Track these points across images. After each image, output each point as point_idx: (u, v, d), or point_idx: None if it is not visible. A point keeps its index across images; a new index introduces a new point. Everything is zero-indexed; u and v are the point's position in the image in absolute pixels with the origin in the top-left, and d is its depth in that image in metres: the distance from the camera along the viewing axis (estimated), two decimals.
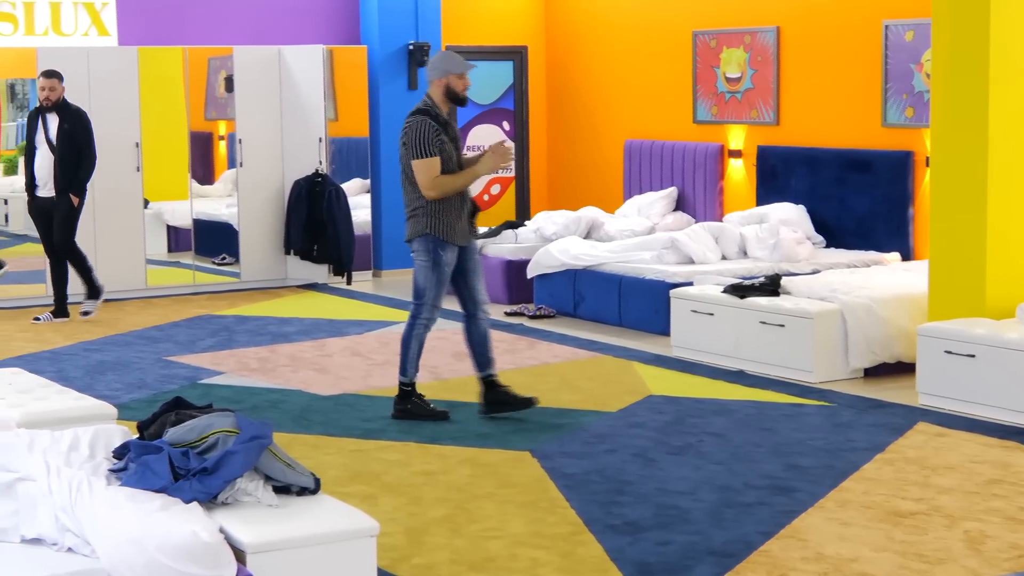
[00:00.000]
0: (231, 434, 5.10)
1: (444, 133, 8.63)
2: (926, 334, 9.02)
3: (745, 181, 13.69)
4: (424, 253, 8.71)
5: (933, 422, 8.55)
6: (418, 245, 8.72)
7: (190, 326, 12.24)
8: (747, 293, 10.27)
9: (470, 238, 8.87)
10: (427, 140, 8.53)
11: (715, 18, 14.02)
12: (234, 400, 9.29)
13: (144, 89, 13.69)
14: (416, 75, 15.22)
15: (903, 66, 12.07)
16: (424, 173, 8.55)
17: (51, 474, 4.97)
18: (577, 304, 12.32)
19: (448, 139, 8.66)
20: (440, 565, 6.10)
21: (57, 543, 4.78)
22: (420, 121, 8.58)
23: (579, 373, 10.15)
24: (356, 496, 7.04)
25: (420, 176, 8.56)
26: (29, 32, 13.72)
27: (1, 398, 6.68)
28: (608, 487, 7.24)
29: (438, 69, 8.71)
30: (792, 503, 6.91)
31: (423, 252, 8.72)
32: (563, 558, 6.17)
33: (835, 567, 5.99)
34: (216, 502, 4.99)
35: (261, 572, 4.70)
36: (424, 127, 8.55)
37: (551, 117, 16.34)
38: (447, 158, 8.62)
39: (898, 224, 12.10)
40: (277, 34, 15.03)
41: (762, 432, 8.36)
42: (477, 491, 7.22)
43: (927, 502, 6.91)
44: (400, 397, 8.83)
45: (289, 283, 14.54)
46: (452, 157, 8.66)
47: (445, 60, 8.76)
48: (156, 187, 14.10)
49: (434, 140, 8.54)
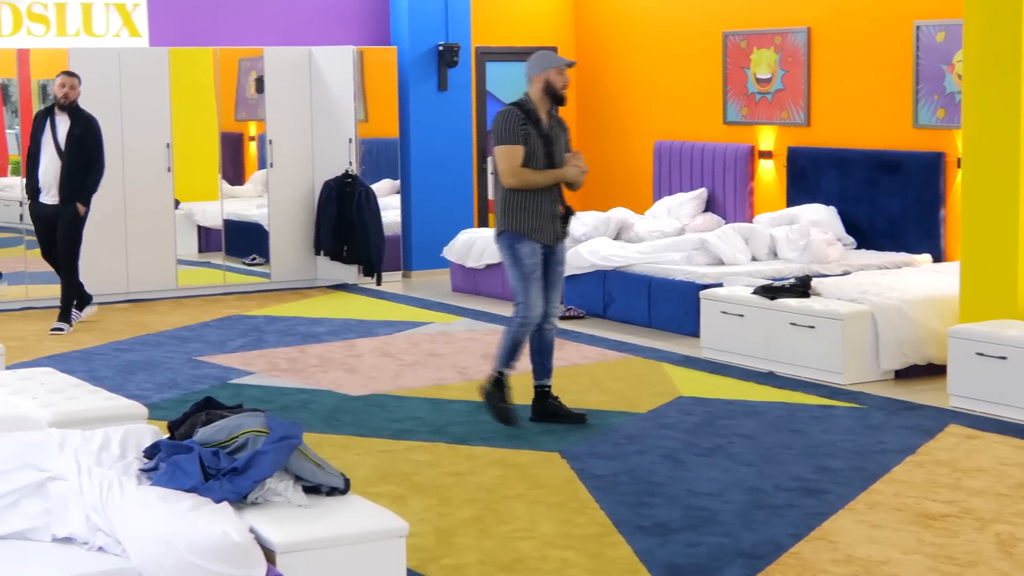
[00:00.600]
0: (261, 434, 5.11)
1: (533, 127, 8.51)
2: (957, 336, 8.99)
3: (775, 182, 13.66)
4: (504, 250, 8.63)
5: (964, 424, 8.51)
6: (499, 243, 8.66)
7: (220, 326, 12.27)
8: (777, 294, 10.24)
9: (555, 240, 8.68)
10: (512, 128, 8.45)
11: (745, 19, 13.99)
12: (264, 400, 9.31)
13: (175, 90, 13.73)
14: (446, 76, 15.23)
15: (934, 67, 12.03)
16: (504, 160, 8.46)
17: (82, 474, 4.98)
18: (607, 305, 12.32)
19: (537, 134, 8.52)
20: (469, 566, 6.11)
21: (88, 542, 4.79)
22: (508, 110, 8.54)
23: (609, 374, 10.14)
24: (386, 496, 7.05)
25: (500, 162, 8.48)
26: (61, 33, 13.78)
27: (33, 398, 6.71)
28: (638, 488, 7.23)
29: (537, 66, 8.60)
30: (822, 505, 6.90)
31: (503, 249, 8.64)
32: (592, 559, 6.17)
33: (865, 569, 5.97)
34: (246, 502, 5.00)
35: (291, 572, 4.71)
36: (511, 115, 8.49)
37: (581, 118, 16.32)
38: (531, 152, 8.49)
39: (929, 225, 12.06)
40: (307, 35, 15.06)
41: (792, 434, 8.34)
42: (507, 492, 7.22)
43: (958, 504, 6.88)
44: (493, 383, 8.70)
45: (319, 284, 14.57)
46: (538, 153, 8.51)
47: (544, 57, 8.65)
48: (187, 188, 14.15)
49: (519, 129, 8.45)
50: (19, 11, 13.64)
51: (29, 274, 13.24)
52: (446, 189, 15.32)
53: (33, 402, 6.61)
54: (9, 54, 13.44)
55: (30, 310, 13.06)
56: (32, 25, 13.69)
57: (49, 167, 11.78)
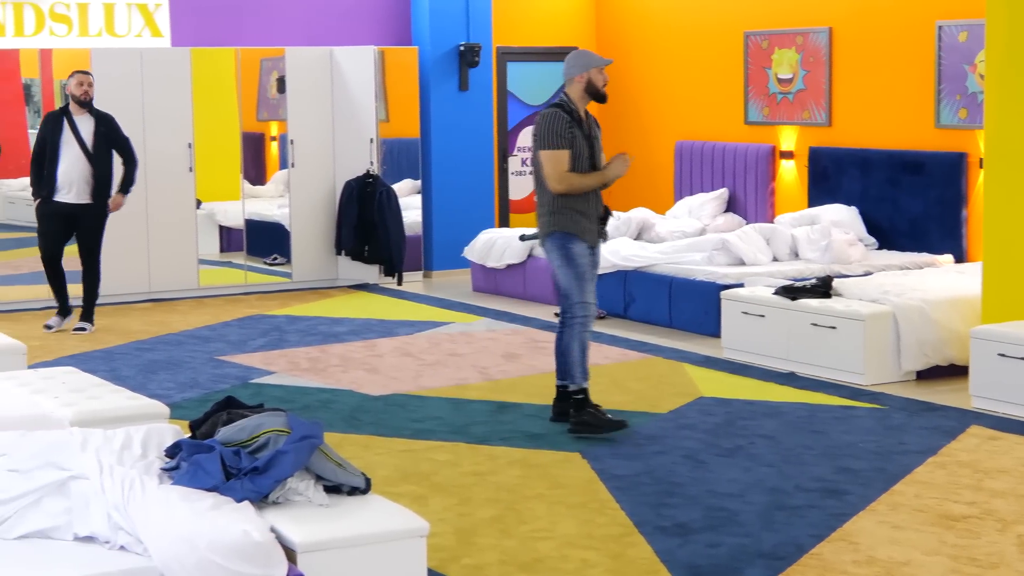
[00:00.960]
0: (282, 434, 5.12)
1: (578, 128, 8.44)
2: (979, 336, 8.96)
3: (796, 182, 13.63)
4: (556, 251, 8.47)
5: (986, 425, 8.49)
6: (549, 244, 8.51)
7: (242, 326, 12.29)
8: (798, 295, 10.22)
9: (598, 240, 8.64)
10: (558, 132, 8.35)
11: (767, 19, 13.97)
12: (285, 400, 9.32)
13: (197, 90, 13.76)
14: (467, 76, 15.24)
15: (956, 67, 11.99)
16: (552, 165, 8.35)
17: (104, 473, 5.00)
18: (627, 305, 12.31)
19: (582, 135, 8.46)
20: (490, 566, 6.11)
21: (110, 541, 4.80)
22: (553, 113, 8.41)
23: (629, 374, 10.13)
24: (406, 496, 7.05)
25: (548, 168, 8.36)
26: (83, 33, 13.82)
27: (55, 397, 6.73)
28: (658, 489, 7.23)
29: (578, 65, 8.49)
30: (843, 506, 6.88)
31: (554, 250, 8.48)
32: (613, 559, 6.16)
33: (886, 571, 5.95)
34: (267, 501, 5.00)
35: (312, 571, 4.72)
36: (556, 118, 8.37)
37: (602, 118, 16.28)
38: (577, 154, 8.42)
39: (951, 226, 12.03)
40: (329, 35, 15.08)
41: (813, 434, 8.32)
42: (527, 492, 7.22)
43: (980, 506, 6.86)
44: (576, 407, 8.42)
45: (340, 283, 14.58)
46: (584, 154, 8.45)
47: (584, 56, 8.55)
48: (208, 187, 14.17)
49: (565, 133, 8.36)
50: (42, 11, 13.68)
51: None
52: (467, 189, 15.32)
53: (55, 401, 6.64)
54: (32, 54, 13.48)
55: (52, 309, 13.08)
56: (55, 25, 13.73)
57: (73, 166, 11.58)
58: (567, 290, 8.47)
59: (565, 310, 8.51)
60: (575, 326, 8.46)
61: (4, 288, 13.19)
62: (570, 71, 8.51)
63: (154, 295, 13.73)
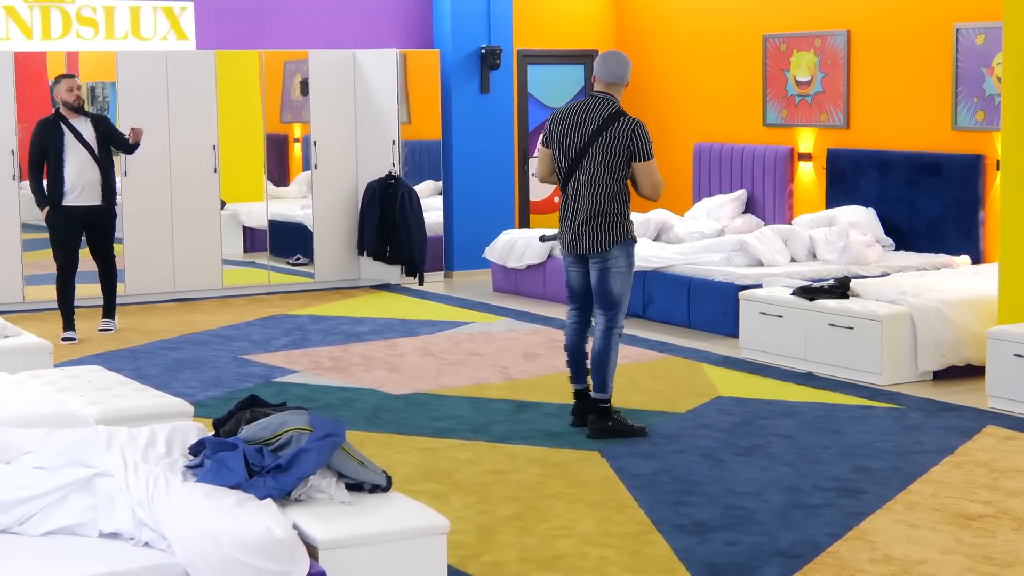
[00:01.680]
0: (305, 432, 5.13)
1: None
2: (996, 337, 8.94)
3: (814, 184, 13.61)
4: (627, 259, 8.28)
5: (1002, 425, 8.47)
6: (620, 251, 8.25)
7: (265, 325, 12.31)
8: (816, 295, 10.21)
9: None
10: (649, 141, 8.25)
11: (785, 22, 13.95)
12: (308, 398, 9.33)
13: (221, 92, 13.79)
14: (488, 78, 15.25)
15: (974, 70, 11.96)
16: (654, 175, 8.22)
17: (128, 470, 5.01)
18: (646, 305, 12.30)
19: None
20: (509, 563, 6.11)
21: (134, 537, 4.82)
22: (643, 123, 8.25)
23: (648, 374, 10.12)
24: (427, 494, 7.06)
25: (654, 177, 8.21)
26: (109, 36, 13.85)
27: (80, 395, 6.75)
28: (676, 487, 7.22)
29: (627, 72, 8.35)
30: (860, 505, 6.87)
31: (626, 258, 8.28)
32: (631, 557, 6.16)
33: (903, 569, 5.94)
34: (290, 499, 5.02)
35: (333, 568, 4.73)
36: (647, 129, 8.27)
37: None
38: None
39: (968, 227, 12.00)
40: (352, 38, 15.10)
41: (830, 434, 8.31)
42: (546, 490, 7.22)
43: (996, 505, 6.84)
44: (599, 415, 8.31)
45: (362, 284, 14.60)
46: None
47: (627, 62, 8.39)
48: (233, 188, 14.20)
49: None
50: (69, 14, 13.73)
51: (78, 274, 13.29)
52: (488, 190, 15.33)
53: (81, 400, 6.66)
54: (59, 57, 13.52)
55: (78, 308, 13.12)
56: (81, 28, 13.77)
57: (82, 170, 11.39)
58: (621, 298, 8.32)
59: (610, 318, 8.32)
60: (616, 336, 8.35)
61: (30, 288, 13.23)
62: (622, 76, 8.36)
63: (179, 295, 13.76)
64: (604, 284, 8.30)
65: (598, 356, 8.34)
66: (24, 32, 13.58)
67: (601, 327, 8.36)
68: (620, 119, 8.19)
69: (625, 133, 8.16)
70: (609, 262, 8.26)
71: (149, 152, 12.85)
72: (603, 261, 8.27)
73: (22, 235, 13.16)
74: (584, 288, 8.47)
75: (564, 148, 8.33)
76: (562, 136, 8.35)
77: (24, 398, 6.54)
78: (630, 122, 8.19)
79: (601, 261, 8.28)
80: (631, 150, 8.16)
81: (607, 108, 8.25)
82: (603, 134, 8.19)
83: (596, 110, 8.27)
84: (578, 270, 8.45)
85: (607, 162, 8.19)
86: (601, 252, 8.26)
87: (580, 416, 8.52)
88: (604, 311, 8.34)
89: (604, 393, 8.33)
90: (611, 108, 8.25)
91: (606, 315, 8.33)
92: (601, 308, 8.35)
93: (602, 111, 8.25)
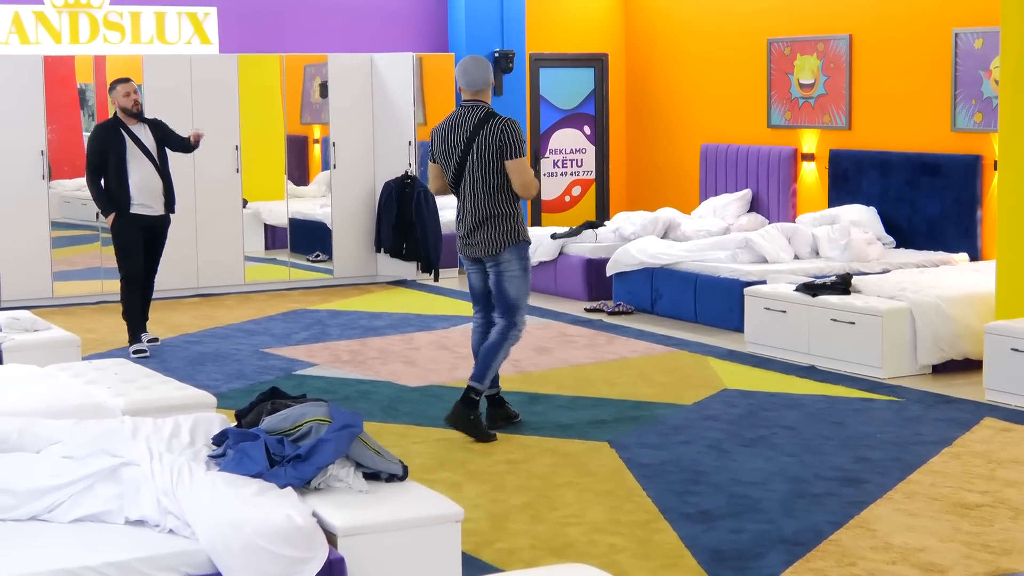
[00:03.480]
0: (324, 423, 5.13)
1: None
2: (993, 332, 8.92)
3: (817, 184, 13.59)
4: (521, 261, 8.11)
5: (999, 417, 8.45)
6: (511, 254, 8.08)
7: (285, 320, 12.32)
8: (819, 291, 10.20)
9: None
10: (523, 140, 8.07)
11: (789, 26, 13.93)
12: (327, 390, 9.34)
13: (243, 95, 13.81)
14: (501, 81, 15.25)
15: (972, 73, 11.94)
16: (524, 172, 8.03)
17: (153, 459, 5.02)
18: (654, 301, 12.29)
19: None
20: (521, 550, 6.11)
21: (159, 524, 4.83)
22: (515, 122, 8.09)
23: (656, 367, 10.12)
24: (442, 483, 7.06)
25: (527, 174, 8.02)
26: (135, 41, 13.87)
27: (107, 387, 6.76)
28: (683, 477, 7.22)
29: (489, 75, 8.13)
30: (861, 494, 6.86)
31: (520, 260, 8.11)
32: (639, 544, 6.16)
33: (902, 556, 5.94)
34: (309, 487, 5.02)
35: (351, 555, 4.73)
36: (519, 128, 8.10)
37: (630, 122, 16.30)
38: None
39: (966, 226, 11.97)
40: (369, 43, 15.10)
41: (832, 426, 8.30)
42: (557, 480, 7.22)
43: (993, 495, 6.83)
44: (466, 403, 8.08)
45: (379, 280, 14.61)
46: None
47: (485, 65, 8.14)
48: (254, 188, 14.22)
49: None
50: (96, 19, 13.75)
51: (104, 270, 13.33)
52: None
53: (107, 391, 6.68)
54: (87, 60, 13.55)
55: (105, 304, 13.16)
56: (108, 33, 13.79)
57: (145, 178, 10.66)
58: (518, 302, 8.14)
59: (509, 321, 8.13)
60: (513, 337, 8.17)
61: (59, 284, 13.25)
62: (488, 78, 8.16)
63: (202, 290, 13.78)
64: (500, 289, 8.13)
65: (489, 347, 8.16)
66: (53, 36, 13.60)
67: (499, 326, 8.18)
68: (491, 120, 8.02)
69: (496, 132, 7.97)
70: (502, 266, 8.08)
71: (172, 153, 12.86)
72: (497, 265, 8.10)
73: (51, 233, 13.19)
74: (485, 290, 8.30)
75: (446, 159, 8.16)
76: (443, 148, 8.16)
77: (53, 390, 6.56)
78: (500, 121, 8.00)
79: (495, 265, 8.10)
80: (502, 149, 7.96)
81: (478, 113, 8.08)
82: (477, 137, 8.01)
83: (469, 117, 8.09)
84: (478, 273, 8.27)
85: (484, 164, 8.00)
86: (494, 255, 8.07)
87: (491, 420, 8.33)
88: (503, 315, 8.17)
89: (481, 384, 8.09)
90: (481, 112, 8.08)
91: (505, 318, 8.16)
92: (500, 312, 8.18)
93: (474, 117, 8.08)
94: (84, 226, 13.69)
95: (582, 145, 16.20)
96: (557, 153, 15.97)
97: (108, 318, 12.28)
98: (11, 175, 12.98)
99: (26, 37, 13.50)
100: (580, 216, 15.91)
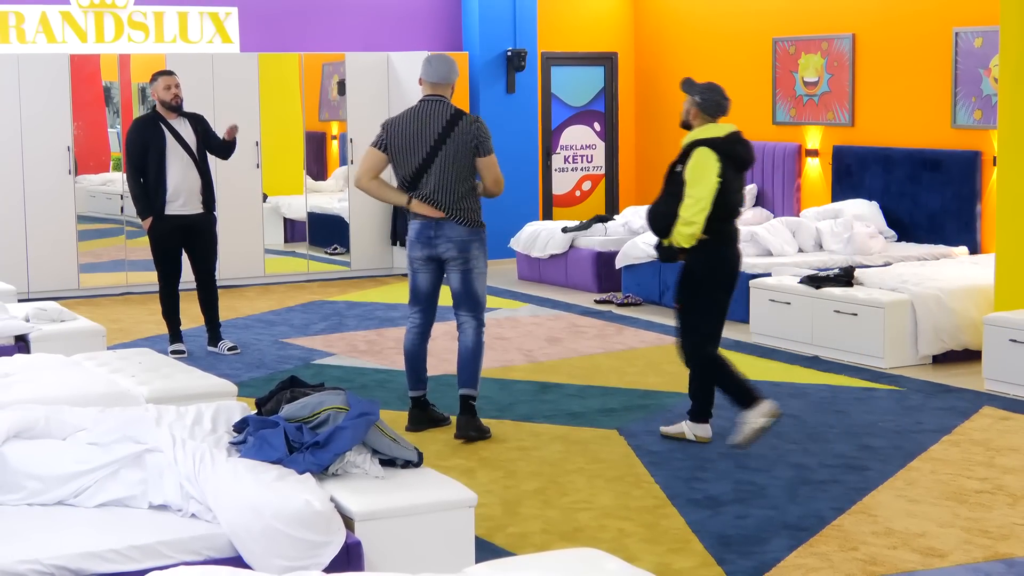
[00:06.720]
0: (341, 411, 5.13)
1: None
2: (992, 323, 8.90)
3: (821, 179, 13.56)
4: (484, 258, 7.87)
5: (998, 406, 8.44)
6: (478, 251, 7.82)
7: (304, 311, 12.33)
8: (822, 284, 10.18)
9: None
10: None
11: (794, 26, 13.90)
12: (344, 379, 9.35)
13: (263, 92, 13.81)
14: (514, 79, 15.23)
15: (972, 71, 11.91)
16: (498, 169, 7.85)
17: (176, 446, 5.02)
18: (662, 293, 12.28)
19: None
20: (533, 534, 6.11)
21: (182, 509, 4.83)
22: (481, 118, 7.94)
23: (664, 357, 10.11)
24: (456, 469, 7.07)
25: (499, 171, 7.84)
26: (159, 39, 13.88)
27: (131, 376, 6.77)
28: (690, 464, 7.22)
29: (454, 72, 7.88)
30: (863, 481, 6.86)
31: (483, 257, 7.85)
32: (647, 529, 6.16)
33: (903, 541, 5.93)
34: (327, 473, 5.03)
35: (368, 539, 4.74)
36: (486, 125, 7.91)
37: (639, 118, 16.28)
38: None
39: (966, 220, 11.95)
40: (386, 41, 15.10)
41: (835, 414, 8.29)
42: (568, 466, 7.22)
43: (991, 481, 6.82)
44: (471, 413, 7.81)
45: (395, 271, 14.61)
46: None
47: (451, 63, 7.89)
48: (274, 183, 14.23)
49: None
50: (120, 19, 13.75)
51: (129, 262, 13.36)
52: (513, 184, 15.28)
53: (132, 380, 6.69)
54: (111, 59, 13.56)
55: (129, 295, 13.18)
56: (132, 32, 13.80)
57: (185, 175, 10.07)
58: (483, 296, 7.88)
59: (478, 319, 7.86)
60: (481, 332, 7.89)
61: (85, 275, 13.27)
62: (451, 76, 7.89)
63: (223, 282, 13.75)
64: (468, 287, 7.81)
65: (472, 353, 7.83)
66: (79, 35, 13.62)
67: (472, 327, 7.84)
68: (463, 118, 7.73)
69: (470, 131, 7.71)
70: (472, 263, 7.78)
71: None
72: (466, 263, 7.78)
73: (77, 226, 13.20)
74: (432, 291, 7.93)
75: (408, 154, 7.73)
76: (405, 143, 7.72)
77: (79, 379, 6.57)
78: (473, 119, 7.75)
79: (463, 263, 7.78)
80: (477, 147, 7.76)
81: (446, 110, 7.76)
82: (451, 134, 7.70)
83: (436, 113, 7.75)
84: (430, 274, 7.88)
85: (458, 162, 7.70)
86: (464, 252, 7.77)
87: (418, 423, 8.03)
88: (471, 313, 7.85)
89: (475, 389, 7.83)
90: (450, 109, 7.77)
91: (474, 316, 7.86)
92: (468, 311, 7.85)
93: (442, 113, 7.74)
94: (109, 220, 13.73)
95: (592, 141, 16.18)
96: (568, 149, 15.96)
97: (132, 309, 12.30)
98: (39, 171, 13.00)
99: (53, 36, 13.51)
100: (590, 210, 15.90)
